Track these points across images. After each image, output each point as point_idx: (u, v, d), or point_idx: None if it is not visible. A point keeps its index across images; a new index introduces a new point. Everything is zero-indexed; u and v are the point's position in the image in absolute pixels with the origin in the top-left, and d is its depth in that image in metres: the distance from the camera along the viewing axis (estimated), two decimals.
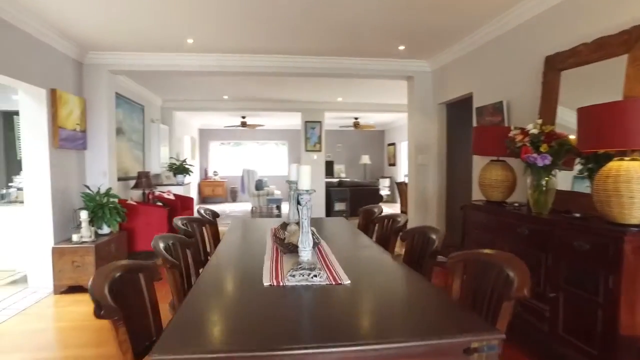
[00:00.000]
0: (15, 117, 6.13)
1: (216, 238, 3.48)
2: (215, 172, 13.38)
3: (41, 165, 4.26)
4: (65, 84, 4.57)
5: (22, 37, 3.82)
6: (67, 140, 4.52)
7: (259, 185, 10.66)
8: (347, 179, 11.00)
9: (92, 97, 4.98)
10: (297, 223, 2.92)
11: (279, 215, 9.75)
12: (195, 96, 8.14)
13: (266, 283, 1.92)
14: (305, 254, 2.14)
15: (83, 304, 3.79)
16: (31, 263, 4.32)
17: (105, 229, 4.66)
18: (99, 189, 4.75)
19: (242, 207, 11.57)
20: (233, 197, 13.36)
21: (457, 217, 4.47)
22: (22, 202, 4.58)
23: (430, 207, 5.49)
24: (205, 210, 3.82)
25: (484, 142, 3.46)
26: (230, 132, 12.94)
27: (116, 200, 4.88)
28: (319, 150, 8.93)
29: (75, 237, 4.25)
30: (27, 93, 4.18)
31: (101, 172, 5.04)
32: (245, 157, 13.75)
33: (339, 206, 8.93)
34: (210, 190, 13.01)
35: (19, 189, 5.10)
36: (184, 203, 7.36)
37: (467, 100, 4.67)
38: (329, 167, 13.10)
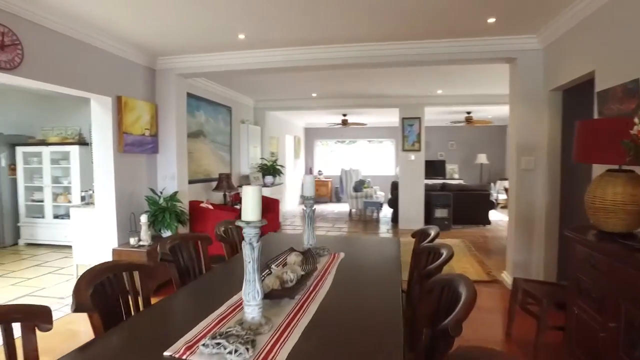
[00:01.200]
0: None
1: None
2: (320, 171, 13.23)
3: (107, 170, 4.40)
4: (135, 90, 4.66)
5: (92, 52, 4.01)
6: (134, 145, 4.60)
7: (358, 187, 10.07)
8: (454, 182, 9.68)
9: (163, 102, 5.03)
10: (305, 253, 2.29)
11: (377, 220, 9.04)
12: (283, 95, 7.94)
13: (167, 352, 1.36)
14: (250, 311, 1.52)
15: None
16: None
17: (168, 233, 4.63)
18: (161, 192, 4.76)
19: (344, 208, 11.13)
20: (337, 197, 13.04)
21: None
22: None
23: (537, 228, 4.21)
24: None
25: (593, 143, 2.32)
26: (335, 130, 12.62)
27: (180, 203, 4.85)
28: (418, 150, 7.94)
29: (132, 241, 4.28)
30: (97, 101, 4.34)
31: (170, 175, 5.07)
32: (350, 156, 13.31)
33: (440, 213, 7.82)
34: (315, 190, 12.88)
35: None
36: (268, 205, 7.20)
37: (588, 85, 3.37)
38: (441, 168, 11.84)
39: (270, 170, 8.14)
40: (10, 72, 3.25)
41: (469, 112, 9.48)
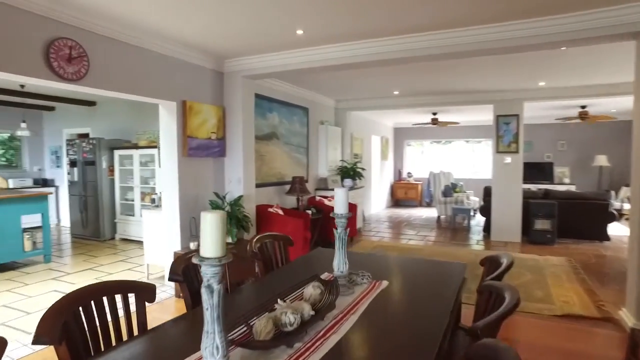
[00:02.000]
0: None
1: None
2: (409, 173, 12.51)
3: (172, 174, 4.48)
4: (202, 94, 4.69)
5: (155, 58, 4.10)
6: (199, 149, 4.63)
7: (447, 191, 9.22)
8: (562, 189, 8.27)
9: (230, 105, 5.00)
10: (327, 284, 1.92)
11: (468, 229, 8.16)
12: (364, 94, 7.53)
13: None
14: None
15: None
16: (167, 264, 4.62)
17: (228, 239, 4.58)
18: (224, 196, 4.72)
19: (433, 213, 10.32)
20: (429, 200, 12.18)
21: None
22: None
23: None
24: None
25: None
26: (426, 130, 11.80)
27: (243, 208, 4.77)
28: (515, 152, 6.92)
29: (192, 245, 4.29)
30: (163, 106, 4.44)
31: (236, 179, 5.02)
32: (443, 157, 12.34)
33: (541, 224, 6.71)
34: (403, 193, 12.24)
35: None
36: None
37: None
38: (548, 171, 10.35)
39: (350, 172, 7.79)
40: (76, 82, 3.40)
41: (583, 107, 8.03)
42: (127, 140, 7.16)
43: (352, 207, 6.95)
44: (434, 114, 9.55)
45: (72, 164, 7.29)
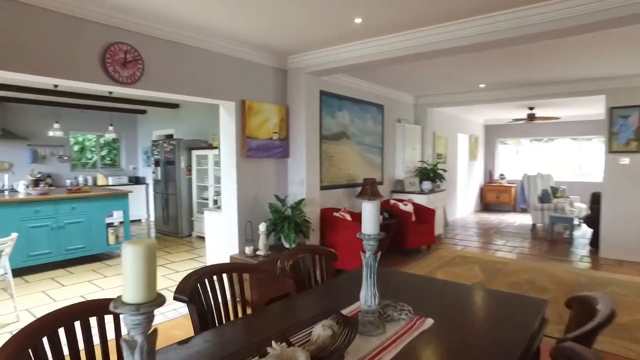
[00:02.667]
0: None
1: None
2: (502, 175, 11.29)
3: (230, 175, 4.39)
4: (263, 93, 4.54)
5: (212, 58, 4.02)
6: (259, 150, 4.48)
7: (545, 196, 8.05)
8: None
9: (293, 104, 4.79)
10: (344, 321, 1.55)
11: (570, 241, 7.02)
12: (446, 89, 6.83)
13: None
14: None
15: None
16: None
17: (287, 244, 4.36)
18: (284, 199, 4.51)
19: (528, 220, 9.13)
20: (524, 205, 10.86)
21: None
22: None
23: None
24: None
25: None
26: (524, 127, 10.51)
27: (304, 213, 4.53)
28: (635, 151, 5.71)
29: (247, 250, 4.14)
30: (223, 107, 4.37)
31: (298, 180, 4.80)
32: (543, 157, 10.90)
33: None
34: (494, 197, 11.07)
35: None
36: (420, 215, 6.32)
37: None
38: None
39: (430, 174, 7.16)
40: (131, 86, 3.42)
41: None
42: (204, 141, 7.38)
43: (430, 213, 6.35)
44: (531, 108, 8.41)
45: (156, 163, 7.75)
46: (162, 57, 3.61)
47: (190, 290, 1.85)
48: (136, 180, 9.13)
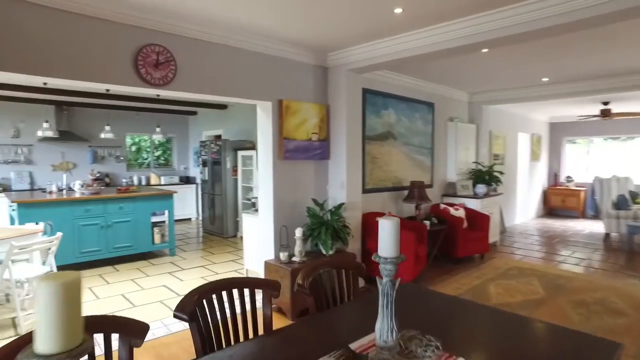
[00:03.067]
0: None
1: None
2: (568, 177, 10.30)
3: (267, 178, 4.26)
4: (302, 92, 4.37)
5: (247, 57, 3.90)
6: (297, 152, 4.31)
7: (622, 202, 7.17)
8: None
9: (334, 103, 4.57)
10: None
11: None
12: (504, 84, 6.26)
13: None
14: None
15: None
16: (260, 271, 4.45)
17: (324, 250, 4.15)
18: (322, 203, 4.30)
19: (600, 229, 8.22)
20: (595, 211, 9.84)
21: None
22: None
23: None
24: None
25: None
26: (596, 124, 9.50)
27: (343, 217, 4.30)
28: None
29: (282, 255, 3.98)
30: (260, 107, 4.26)
31: (338, 183, 4.57)
32: (619, 157, 9.79)
33: None
34: (559, 201, 10.13)
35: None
36: (473, 221, 5.86)
37: None
38: None
39: (485, 176, 6.62)
40: (163, 87, 3.38)
41: None
42: (250, 141, 7.36)
43: (484, 219, 5.86)
44: (605, 103, 7.53)
45: (204, 163, 7.87)
46: (195, 58, 3.54)
47: (193, 308, 1.70)
48: (187, 180, 9.37)
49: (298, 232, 4.02)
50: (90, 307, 3.99)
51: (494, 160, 7.73)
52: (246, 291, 1.94)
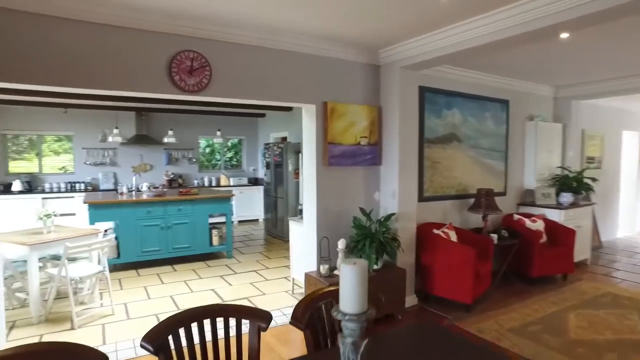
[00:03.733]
0: None
1: None
2: None
3: (310, 185, 4.05)
4: (350, 93, 4.08)
5: (288, 58, 3.74)
6: (343, 157, 4.04)
7: None
8: None
9: (387, 104, 4.21)
10: None
11: None
12: (600, 74, 5.32)
13: None
14: None
15: (290, 344, 3.23)
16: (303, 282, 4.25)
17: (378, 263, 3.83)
18: (369, 213, 3.97)
19: None
20: None
21: None
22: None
23: None
24: None
25: None
26: None
27: (393, 229, 3.94)
28: None
29: (322, 269, 3.74)
30: (305, 110, 4.06)
31: (390, 192, 4.20)
32: None
33: None
34: None
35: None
36: (554, 235, 5.11)
37: None
38: None
39: (572, 184, 5.72)
40: (198, 94, 3.33)
41: None
42: None
43: (568, 233, 5.07)
44: None
45: (267, 166, 7.90)
46: (231, 62, 3.44)
47: (164, 337, 1.53)
48: (255, 182, 9.55)
49: (340, 244, 3.75)
50: (141, 307, 4.13)
51: (587, 163, 6.67)
52: (232, 321, 1.73)
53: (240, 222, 9.08)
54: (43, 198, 7.15)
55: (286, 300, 4.31)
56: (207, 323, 1.67)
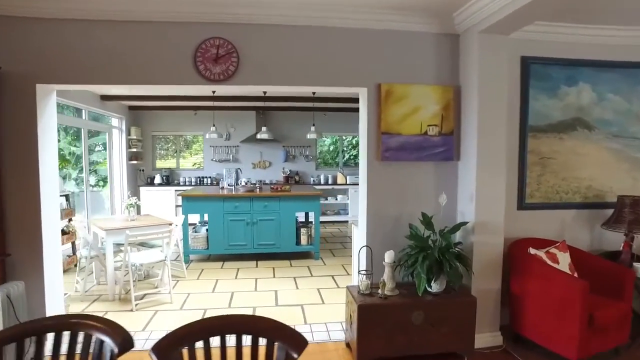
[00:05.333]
0: None
1: None
2: None
3: (362, 183, 3.46)
4: (414, 71, 3.34)
5: (329, 34, 3.21)
6: (402, 150, 3.33)
7: None
8: None
9: (466, 81, 3.31)
10: None
11: None
12: None
13: None
14: None
15: None
16: None
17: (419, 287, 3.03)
18: (429, 219, 3.15)
19: None
20: None
21: None
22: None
23: None
24: None
25: None
26: None
27: (460, 245, 3.07)
28: None
29: (362, 284, 3.10)
30: (361, 95, 3.48)
31: (467, 195, 3.29)
32: None
33: None
34: None
35: None
36: None
37: None
38: None
39: None
40: (224, 82, 3.13)
41: None
42: None
43: None
44: None
45: None
46: (260, 46, 3.12)
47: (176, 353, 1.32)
48: None
49: (388, 257, 3.07)
50: (198, 300, 4.17)
51: None
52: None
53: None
54: (175, 190, 8.14)
55: (338, 314, 3.78)
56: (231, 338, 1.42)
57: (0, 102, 2.93)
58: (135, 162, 8.22)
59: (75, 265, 4.88)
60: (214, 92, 6.32)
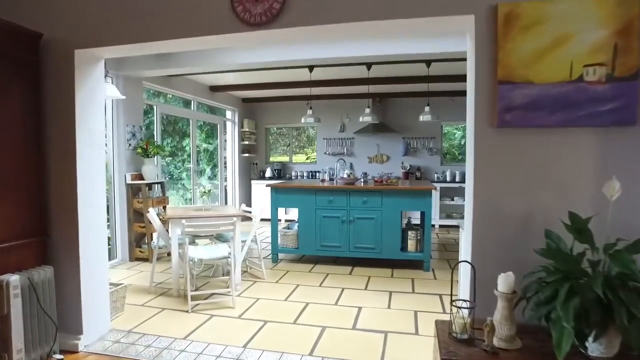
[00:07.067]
0: None
1: None
2: None
3: (468, 163, 2.27)
4: None
5: None
6: (538, 109, 2.06)
7: None
8: None
9: None
10: None
11: None
12: None
13: None
14: None
15: None
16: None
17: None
18: (584, 225, 1.79)
19: None
20: None
21: None
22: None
23: None
24: None
25: None
26: None
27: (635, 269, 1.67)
28: None
29: (457, 323, 1.92)
30: (468, 32, 2.30)
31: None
32: None
33: None
34: None
35: None
36: None
37: None
38: None
39: None
40: (266, 26, 2.35)
41: None
42: None
43: None
44: None
45: None
46: None
47: None
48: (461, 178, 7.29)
49: (502, 283, 1.85)
50: (263, 308, 3.46)
51: None
52: None
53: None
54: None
55: (431, 351, 2.61)
56: None
57: (44, 73, 2.70)
58: (247, 154, 8.12)
59: (168, 255, 4.71)
60: (310, 68, 5.44)
